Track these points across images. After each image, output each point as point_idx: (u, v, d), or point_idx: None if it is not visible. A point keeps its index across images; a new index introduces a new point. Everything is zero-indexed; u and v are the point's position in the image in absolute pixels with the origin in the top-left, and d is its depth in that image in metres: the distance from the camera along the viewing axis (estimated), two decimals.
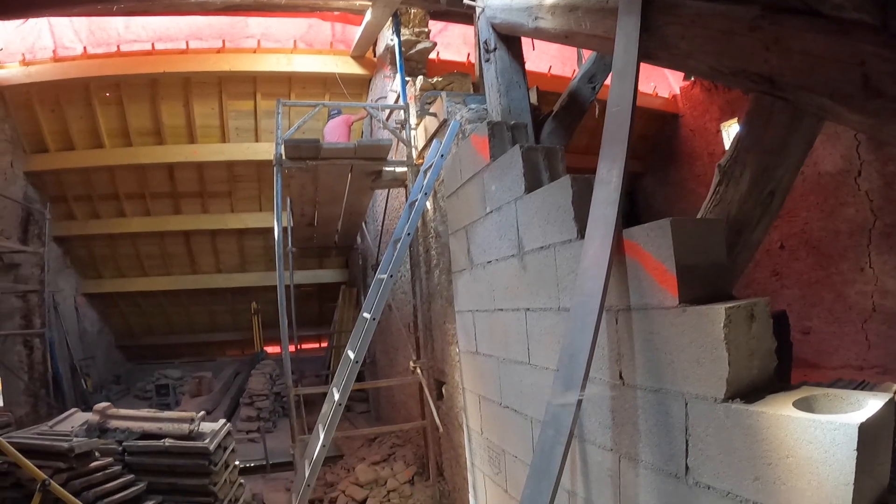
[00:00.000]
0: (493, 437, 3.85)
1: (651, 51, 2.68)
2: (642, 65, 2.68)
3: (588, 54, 4.81)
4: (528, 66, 4.66)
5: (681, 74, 11.39)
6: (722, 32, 2.39)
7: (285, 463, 8.29)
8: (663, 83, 11.96)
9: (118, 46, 9.60)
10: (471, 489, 4.59)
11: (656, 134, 12.45)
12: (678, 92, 11.96)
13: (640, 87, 9.08)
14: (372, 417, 11.57)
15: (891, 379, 5.55)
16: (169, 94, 10.32)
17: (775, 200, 2.71)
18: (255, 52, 9.99)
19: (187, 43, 9.75)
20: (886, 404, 1.72)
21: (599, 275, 2.23)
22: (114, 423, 5.38)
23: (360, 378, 9.46)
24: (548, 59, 10.33)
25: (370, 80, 10.24)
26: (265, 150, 10.15)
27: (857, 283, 7.96)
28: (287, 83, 10.43)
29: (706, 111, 11.17)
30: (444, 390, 6.22)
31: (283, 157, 6.69)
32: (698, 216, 2.79)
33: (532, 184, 3.09)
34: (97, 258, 12.60)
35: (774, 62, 2.24)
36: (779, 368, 2.04)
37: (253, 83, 10.41)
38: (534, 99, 4.83)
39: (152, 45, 9.67)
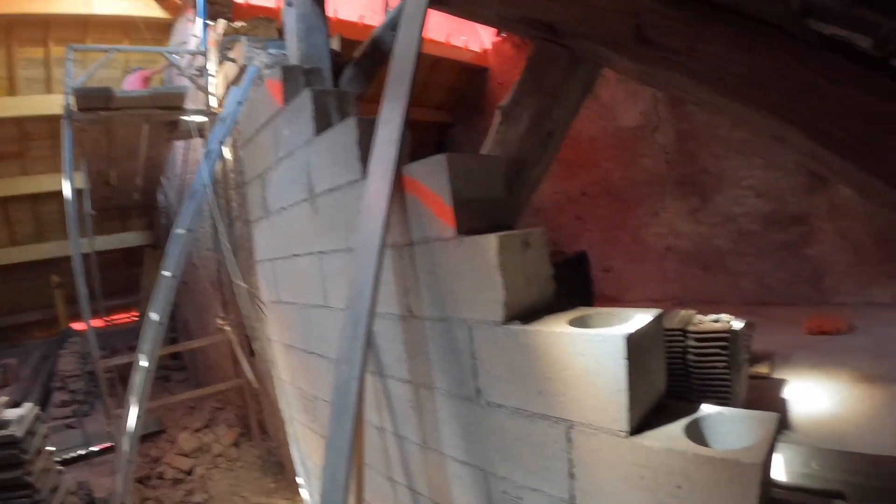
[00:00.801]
0: (305, 386, 3.83)
1: None
2: (457, 20, 2.68)
3: (395, 3, 4.76)
4: (339, 16, 4.54)
5: (492, 30, 11.67)
6: None
7: (112, 446, 7.76)
8: (475, 38, 12.21)
9: None
10: (291, 441, 4.56)
11: (465, 86, 12.73)
12: (489, 47, 12.28)
13: (452, 41, 9.23)
14: (191, 385, 11.09)
15: (683, 308, 6.23)
16: None
17: (553, 140, 2.86)
18: None
19: None
20: (655, 319, 1.88)
21: (380, 211, 2.25)
22: None
23: (173, 344, 9.00)
24: (360, 8, 10.14)
25: (173, 25, 9.49)
26: (59, 104, 9.07)
27: (653, 226, 8.79)
28: (83, 28, 9.30)
29: (515, 66, 11.57)
30: (255, 346, 6.09)
31: (74, 108, 6.08)
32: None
33: (322, 127, 3.03)
34: None
35: (557, 11, 2.34)
36: (582, 301, 2.19)
37: (45, 27, 9.13)
38: (337, 46, 4.73)
39: None
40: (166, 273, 4.89)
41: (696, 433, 1.78)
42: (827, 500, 1.83)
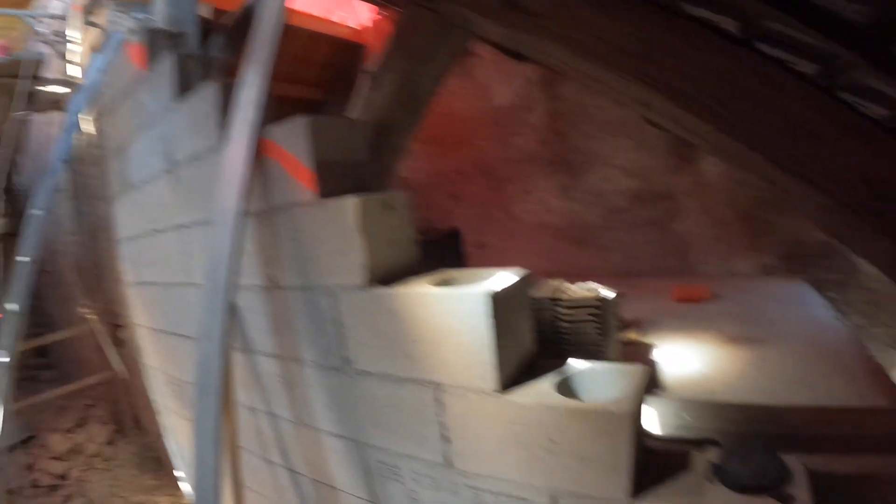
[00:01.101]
0: (173, 371, 3.62)
1: None
2: None
3: None
4: None
5: (372, 7, 11.49)
6: None
7: None
8: (354, 14, 11.99)
9: None
10: (166, 433, 4.34)
11: (342, 63, 12.49)
12: (368, 24, 12.08)
13: (330, 17, 8.95)
14: (60, 384, 10.39)
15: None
16: None
17: (420, 106, 2.82)
18: None
19: None
20: (520, 278, 1.88)
21: (238, 177, 2.14)
22: None
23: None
24: None
25: None
26: None
27: (526, 203, 8.97)
28: None
29: None
30: (122, 334, 5.76)
31: None
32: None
33: (184, 93, 2.86)
34: None
35: None
36: None
37: None
38: (208, 14, 4.54)
39: None
40: (23, 258, 4.52)
41: (567, 388, 1.81)
42: (700, 447, 1.89)
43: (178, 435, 4.05)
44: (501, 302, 1.70)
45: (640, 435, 1.75)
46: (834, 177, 1.96)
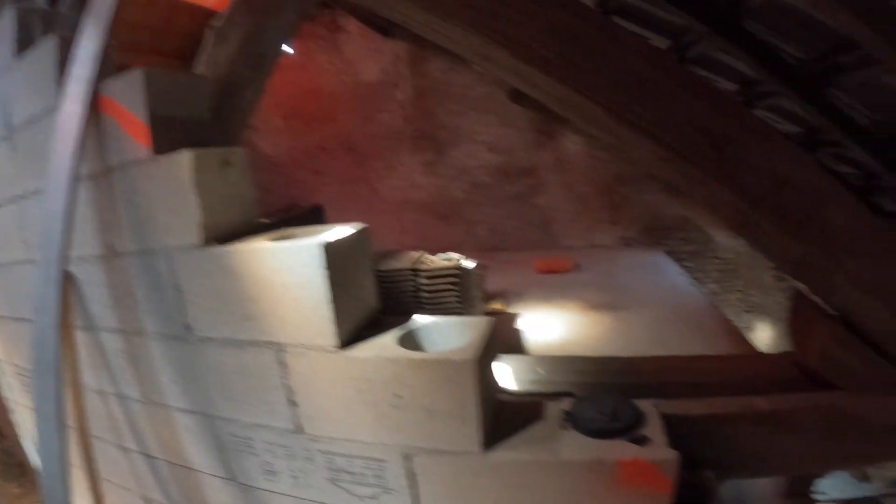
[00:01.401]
0: (19, 361, 3.34)
1: None
2: None
3: None
4: None
5: None
6: None
7: None
8: None
9: None
10: (20, 431, 4.03)
11: (203, 33, 12.09)
12: None
13: None
14: None
15: None
16: None
17: (266, 63, 2.76)
18: None
19: None
20: (357, 232, 1.86)
21: (71, 136, 2.01)
22: None
23: None
24: None
25: None
26: None
27: (390, 179, 9.10)
28: None
29: None
30: None
31: None
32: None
33: (24, 50, 2.64)
34: None
35: None
36: None
37: None
38: None
39: None
40: None
41: (410, 342, 1.81)
42: (555, 398, 1.93)
43: (34, 432, 3.77)
44: (336, 253, 1.68)
45: (489, 386, 1.77)
46: (674, 130, 2.05)
